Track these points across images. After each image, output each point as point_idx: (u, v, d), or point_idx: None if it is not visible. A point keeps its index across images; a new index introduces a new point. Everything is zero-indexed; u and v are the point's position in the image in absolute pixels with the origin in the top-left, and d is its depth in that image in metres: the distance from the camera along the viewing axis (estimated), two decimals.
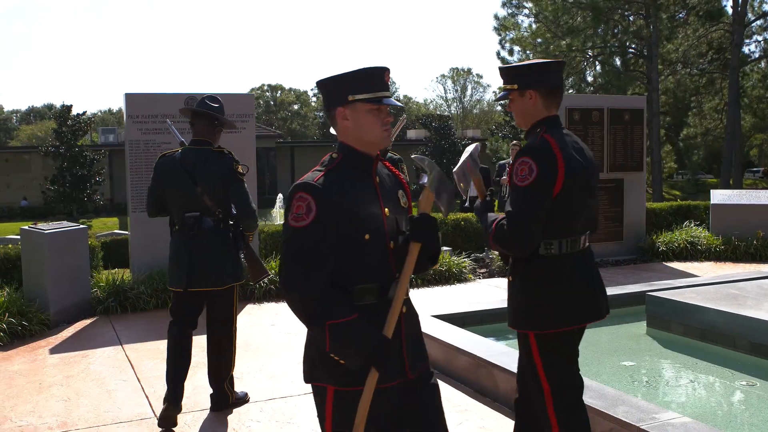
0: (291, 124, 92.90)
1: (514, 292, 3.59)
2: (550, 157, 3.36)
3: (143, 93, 9.55)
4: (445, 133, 51.07)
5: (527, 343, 3.60)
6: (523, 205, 3.35)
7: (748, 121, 48.57)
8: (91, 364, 6.61)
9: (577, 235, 3.51)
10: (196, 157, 5.16)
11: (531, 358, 3.58)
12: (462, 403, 5.43)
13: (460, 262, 10.45)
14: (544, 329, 3.50)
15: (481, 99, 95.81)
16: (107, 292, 8.63)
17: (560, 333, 3.51)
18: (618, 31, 34.86)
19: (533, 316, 3.53)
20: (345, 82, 2.70)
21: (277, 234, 10.91)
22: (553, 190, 3.35)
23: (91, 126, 47.36)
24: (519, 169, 3.38)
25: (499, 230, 3.39)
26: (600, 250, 11.60)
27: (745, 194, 13.25)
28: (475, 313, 7.38)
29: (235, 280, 5.20)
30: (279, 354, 6.81)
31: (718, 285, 7.91)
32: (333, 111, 2.76)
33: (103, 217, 41.17)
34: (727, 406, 5.64)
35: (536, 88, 3.52)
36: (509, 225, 3.35)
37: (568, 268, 3.48)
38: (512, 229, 3.34)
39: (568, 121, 11.49)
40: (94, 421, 5.21)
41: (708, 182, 49.85)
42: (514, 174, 3.39)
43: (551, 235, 3.43)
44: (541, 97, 3.52)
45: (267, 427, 5.02)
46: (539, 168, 3.32)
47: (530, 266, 3.49)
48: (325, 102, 2.80)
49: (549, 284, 3.47)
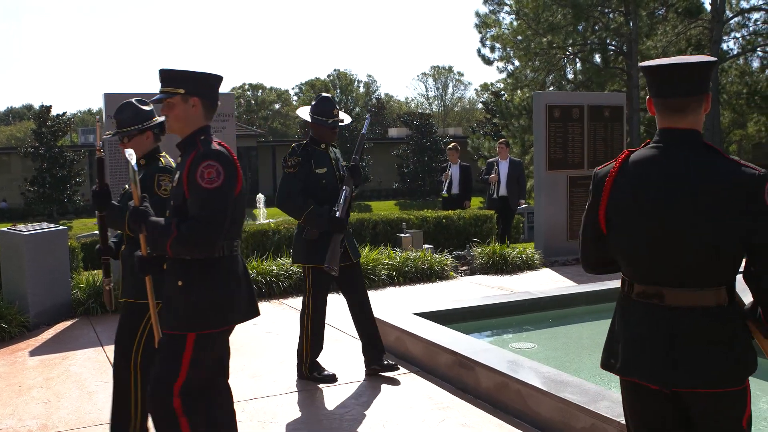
0: (272, 124, 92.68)
1: None
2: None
3: (123, 93, 9.47)
4: (427, 131, 51.20)
5: None
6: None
7: (727, 117, 48.90)
8: (72, 365, 6.57)
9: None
10: None
11: None
12: (444, 400, 5.43)
13: (441, 260, 10.46)
14: None
15: (463, 97, 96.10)
16: (88, 293, 8.58)
17: None
18: (598, 28, 34.95)
19: None
20: None
21: (258, 233, 10.88)
22: None
23: (71, 126, 47.11)
24: None
25: None
26: None
27: None
28: (457, 311, 7.39)
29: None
30: (261, 353, 6.79)
31: None
32: None
33: (83, 218, 40.85)
34: None
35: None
36: None
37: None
38: None
39: (548, 118, 11.52)
40: (74, 423, 5.18)
41: None
42: None
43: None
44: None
45: (249, 427, 5.00)
46: None
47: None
48: None
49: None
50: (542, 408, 4.82)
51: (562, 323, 7.76)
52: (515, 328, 7.68)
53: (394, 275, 9.90)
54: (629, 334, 2.79)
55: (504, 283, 9.83)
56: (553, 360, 6.28)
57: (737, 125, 51.77)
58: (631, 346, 2.78)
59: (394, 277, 9.89)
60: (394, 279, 9.88)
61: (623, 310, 2.85)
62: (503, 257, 10.76)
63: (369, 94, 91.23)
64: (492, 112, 48.75)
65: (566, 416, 4.60)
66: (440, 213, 12.95)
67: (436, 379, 5.88)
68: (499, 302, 7.80)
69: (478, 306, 7.62)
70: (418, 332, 6.33)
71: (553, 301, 7.96)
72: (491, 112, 50.30)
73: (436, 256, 10.53)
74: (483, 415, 5.12)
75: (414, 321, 6.71)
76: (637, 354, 2.75)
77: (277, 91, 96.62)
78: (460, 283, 10.01)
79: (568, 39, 33.74)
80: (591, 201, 2.88)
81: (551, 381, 4.96)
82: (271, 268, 9.43)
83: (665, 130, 2.79)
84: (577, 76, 37.02)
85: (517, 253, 10.92)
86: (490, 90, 64.40)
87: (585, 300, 8.08)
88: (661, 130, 2.81)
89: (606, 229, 2.83)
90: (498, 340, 7.24)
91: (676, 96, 2.74)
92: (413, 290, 9.57)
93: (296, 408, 5.37)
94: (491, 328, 7.59)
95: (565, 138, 11.67)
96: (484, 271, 10.69)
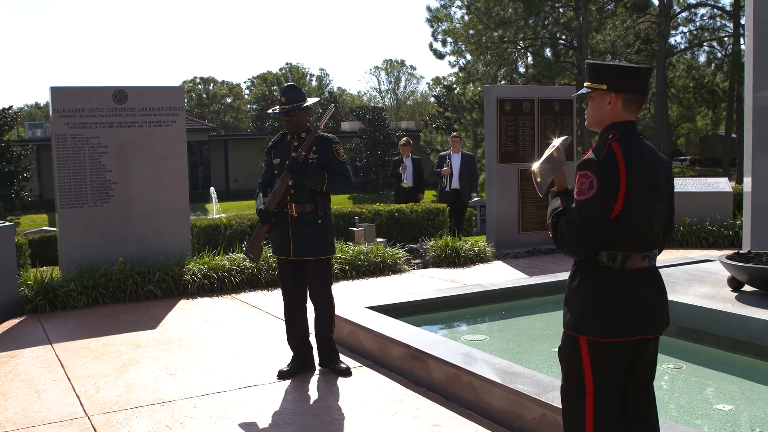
0: (224, 118, 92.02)
1: None
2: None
3: (69, 86, 9.32)
4: (380, 124, 51.28)
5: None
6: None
7: (675, 111, 49.75)
8: (19, 364, 6.46)
9: None
10: None
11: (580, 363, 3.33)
12: (396, 393, 5.45)
13: (394, 253, 10.48)
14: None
15: (415, 90, 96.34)
16: (35, 290, 8.43)
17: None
18: (549, 22, 35.28)
19: None
20: None
21: (210, 228, 10.80)
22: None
23: (18, 120, 46.23)
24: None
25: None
26: (533, 239, 11.77)
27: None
28: (409, 304, 7.42)
29: None
30: (213, 349, 6.74)
31: None
32: None
33: (31, 213, 40.20)
34: (656, 388, 5.76)
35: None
36: None
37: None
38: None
39: (498, 111, 11.60)
40: (22, 422, 5.10)
41: None
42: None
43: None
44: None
45: (201, 423, 4.97)
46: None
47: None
48: None
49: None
50: (494, 399, 4.86)
51: (513, 315, 7.82)
52: (467, 321, 7.73)
53: (346, 269, 9.90)
54: (637, 298, 3.20)
55: (456, 276, 9.89)
56: (505, 352, 6.34)
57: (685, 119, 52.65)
58: (641, 304, 3.21)
59: (347, 270, 9.89)
60: (347, 273, 9.87)
61: (621, 280, 3.20)
62: (455, 250, 10.82)
63: (321, 88, 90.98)
64: (444, 106, 49.00)
65: (518, 407, 4.65)
66: (393, 206, 12.98)
67: (389, 373, 5.89)
68: (451, 295, 7.84)
69: (431, 299, 7.65)
70: (371, 326, 6.34)
71: (504, 293, 8.02)
72: (443, 106, 50.57)
73: (388, 250, 10.55)
74: (436, 407, 5.15)
75: (367, 314, 6.72)
76: (647, 309, 3.22)
77: (229, 84, 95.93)
78: (412, 276, 10.04)
79: (519, 33, 34.01)
80: (604, 189, 3.08)
81: (503, 372, 5.00)
82: (224, 263, 9.37)
83: (628, 122, 3.24)
84: (528, 70, 37.35)
85: (469, 246, 10.99)
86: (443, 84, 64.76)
87: (536, 292, 8.16)
88: (623, 122, 3.23)
89: (621, 211, 3.11)
90: (450, 333, 7.28)
91: (646, 93, 3.32)
92: (366, 284, 9.58)
93: (248, 403, 5.34)
94: (444, 320, 7.62)
95: (516, 131, 11.77)
96: (437, 264, 10.74)
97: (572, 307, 3.29)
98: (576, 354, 3.27)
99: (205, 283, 9.06)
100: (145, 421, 5.05)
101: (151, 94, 9.52)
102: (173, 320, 7.86)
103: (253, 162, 50.44)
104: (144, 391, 5.65)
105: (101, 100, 9.17)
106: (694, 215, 12.28)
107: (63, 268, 9.07)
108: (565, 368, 3.35)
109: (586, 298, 3.23)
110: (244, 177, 51.60)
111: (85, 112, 9.07)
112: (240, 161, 53.06)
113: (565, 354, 3.33)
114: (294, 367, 5.93)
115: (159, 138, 9.51)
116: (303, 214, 5.74)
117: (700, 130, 63.28)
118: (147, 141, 9.42)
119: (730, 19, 38.91)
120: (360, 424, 4.91)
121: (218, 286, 9.12)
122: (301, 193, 5.71)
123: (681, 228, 12.02)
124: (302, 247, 5.76)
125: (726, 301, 6.48)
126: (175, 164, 9.63)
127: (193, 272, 9.10)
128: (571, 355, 3.29)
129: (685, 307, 6.42)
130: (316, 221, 5.76)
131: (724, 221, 12.27)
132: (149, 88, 9.60)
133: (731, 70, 37.98)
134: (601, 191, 3.08)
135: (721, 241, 11.84)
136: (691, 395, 5.46)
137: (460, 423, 4.87)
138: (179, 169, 9.67)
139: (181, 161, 9.68)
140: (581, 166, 3.14)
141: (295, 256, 5.79)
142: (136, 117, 9.36)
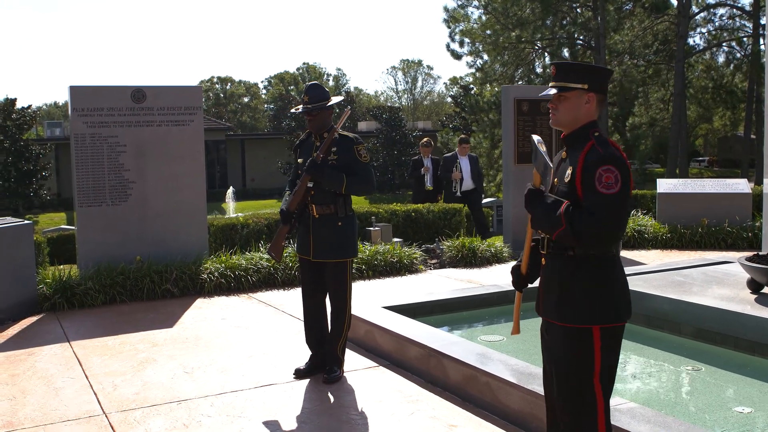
0: (241, 117, 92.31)
1: None
2: None
3: (88, 85, 9.36)
4: (396, 124, 51.20)
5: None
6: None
7: (694, 111, 49.45)
8: (38, 362, 6.50)
9: None
10: None
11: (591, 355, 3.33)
12: (413, 393, 5.45)
13: (411, 253, 10.47)
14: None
15: (432, 90, 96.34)
16: (54, 288, 8.48)
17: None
18: (566, 22, 35.20)
19: None
20: None
21: (227, 227, 10.83)
22: None
23: (36, 119, 46.53)
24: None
25: None
26: None
27: (691, 183, 13.51)
28: (426, 304, 7.41)
29: None
30: (229, 348, 6.76)
31: (665, 272, 8.06)
32: None
33: (50, 212, 40.45)
34: (674, 391, 5.74)
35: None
36: None
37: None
38: None
39: (516, 111, 11.58)
40: (40, 420, 5.13)
41: (655, 171, 50.58)
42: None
43: None
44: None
45: (218, 422, 4.98)
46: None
47: None
48: None
49: None
50: (511, 400, 4.85)
51: (530, 316, 7.77)
52: (484, 321, 7.71)
53: (363, 269, 9.90)
54: (625, 278, 3.43)
55: (473, 276, 9.87)
56: (522, 352, 6.31)
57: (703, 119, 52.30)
58: (627, 283, 3.45)
59: (364, 270, 9.89)
60: (364, 273, 9.88)
61: (618, 265, 3.39)
62: (472, 250, 10.80)
63: (338, 88, 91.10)
64: (461, 106, 48.87)
65: (535, 408, 4.63)
66: (409, 206, 12.97)
67: (406, 373, 5.88)
68: (468, 295, 7.82)
69: (448, 299, 7.64)
70: (388, 326, 6.33)
71: None
72: (460, 106, 50.43)
73: (405, 250, 10.54)
74: (452, 407, 5.14)
75: (383, 314, 6.72)
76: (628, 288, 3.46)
77: (246, 84, 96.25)
78: (429, 276, 10.03)
79: (537, 33, 33.94)
80: (626, 182, 3.21)
81: (520, 373, 4.99)
82: (240, 262, 9.39)
83: (597, 121, 3.45)
84: (545, 71, 37.22)
85: (485, 246, 10.97)
86: (460, 84, 64.65)
87: None
88: (596, 121, 3.43)
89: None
90: (467, 333, 7.26)
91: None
92: (382, 284, 9.57)
93: (265, 402, 5.35)
94: (460, 321, 7.61)
95: (534, 132, 11.73)
96: (453, 264, 10.72)
97: (574, 300, 3.31)
98: (587, 345, 3.28)
99: (221, 282, 9.08)
100: (162, 419, 5.07)
101: (169, 93, 9.56)
102: (190, 319, 7.89)
103: (269, 161, 50.52)
104: (161, 389, 5.67)
105: (120, 100, 9.21)
106: (713, 216, 12.21)
107: (81, 266, 9.12)
108: (568, 363, 3.34)
109: (592, 288, 3.29)
110: (261, 176, 51.69)
111: (104, 111, 9.11)
112: (257, 161, 53.14)
113: (571, 348, 3.32)
114: (311, 366, 5.92)
115: (176, 137, 9.54)
116: (324, 215, 5.71)
117: (718, 130, 62.84)
118: (165, 140, 9.46)
119: (750, 19, 38.59)
120: (376, 423, 4.91)
121: (235, 285, 9.14)
122: (321, 195, 5.68)
123: (699, 229, 11.95)
124: (321, 248, 5.73)
125: (745, 303, 6.44)
126: (192, 163, 9.66)
127: (210, 271, 9.12)
128: (580, 348, 3.29)
129: (703, 309, 6.39)
130: (336, 223, 5.74)
131: (743, 223, 12.18)
132: (167, 88, 9.63)
133: (750, 71, 37.70)
134: (625, 184, 3.19)
135: (740, 242, 11.77)
136: (710, 397, 5.42)
137: (476, 424, 4.86)
138: (196, 168, 9.70)
139: (199, 160, 9.71)
140: (602, 161, 3.20)
141: (314, 257, 5.78)
142: (154, 116, 9.39)
